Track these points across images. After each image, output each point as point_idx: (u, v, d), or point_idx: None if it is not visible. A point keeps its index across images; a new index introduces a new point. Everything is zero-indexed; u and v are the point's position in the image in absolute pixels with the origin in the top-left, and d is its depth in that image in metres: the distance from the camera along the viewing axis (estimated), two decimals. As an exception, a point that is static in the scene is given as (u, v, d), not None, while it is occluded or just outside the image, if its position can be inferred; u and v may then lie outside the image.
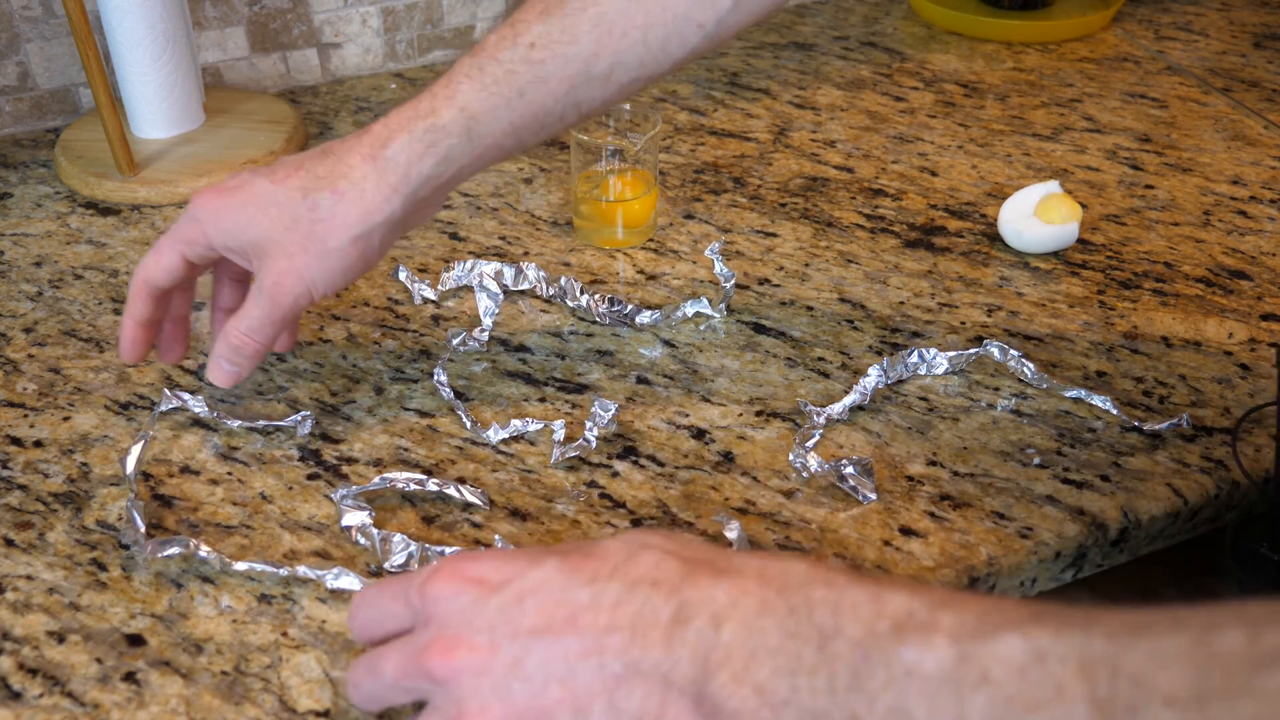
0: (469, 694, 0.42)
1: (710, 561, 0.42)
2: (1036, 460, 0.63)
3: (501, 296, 0.75)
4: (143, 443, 0.61)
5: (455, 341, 0.71)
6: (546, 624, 0.41)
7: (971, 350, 0.70)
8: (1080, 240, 0.82)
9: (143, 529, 0.58)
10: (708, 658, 0.39)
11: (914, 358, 0.69)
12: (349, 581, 0.55)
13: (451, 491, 0.60)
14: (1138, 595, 0.69)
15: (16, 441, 0.65)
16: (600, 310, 0.74)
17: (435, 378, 0.68)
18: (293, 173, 0.58)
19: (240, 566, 0.56)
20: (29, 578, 0.57)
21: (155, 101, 0.90)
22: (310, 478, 0.62)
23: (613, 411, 0.65)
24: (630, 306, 0.74)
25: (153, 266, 0.60)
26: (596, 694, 0.40)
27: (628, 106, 0.82)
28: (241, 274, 0.65)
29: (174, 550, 0.56)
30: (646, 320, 0.74)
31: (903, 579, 0.40)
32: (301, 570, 0.56)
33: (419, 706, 0.46)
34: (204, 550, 0.56)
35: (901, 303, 0.76)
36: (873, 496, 0.61)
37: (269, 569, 0.56)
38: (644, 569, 0.42)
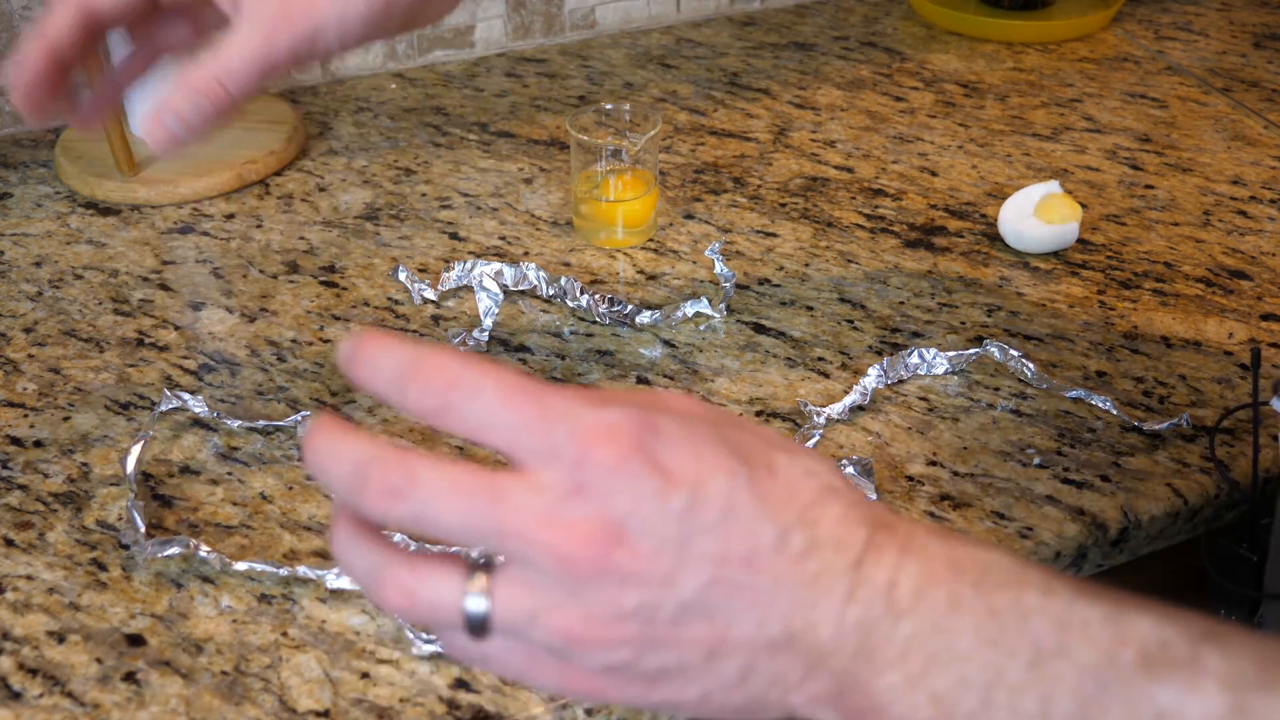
0: (605, 600, 0.34)
1: (889, 526, 0.36)
2: (1036, 460, 0.63)
3: (501, 296, 0.75)
4: (142, 442, 0.61)
5: (455, 341, 0.71)
6: (723, 553, 0.34)
7: (971, 350, 0.70)
8: (1080, 240, 0.82)
9: (142, 529, 0.58)
10: (876, 652, 0.34)
11: (914, 358, 0.69)
12: (349, 581, 0.55)
13: (451, 491, 0.60)
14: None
15: (16, 441, 0.65)
16: (600, 310, 0.74)
17: (435, 378, 0.68)
18: None
19: (240, 567, 0.56)
20: (29, 578, 0.57)
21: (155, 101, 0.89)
22: (310, 478, 0.62)
23: (613, 411, 0.65)
24: (630, 306, 0.74)
25: None
26: (741, 648, 0.35)
27: (628, 106, 0.82)
28: (162, 39, 0.52)
29: (174, 550, 0.56)
30: (646, 320, 0.74)
31: (1139, 598, 0.34)
32: (302, 570, 0.56)
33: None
34: (204, 550, 0.56)
35: (901, 303, 0.76)
36: (873, 496, 0.61)
37: (269, 569, 0.56)
38: (830, 522, 0.35)
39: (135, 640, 0.54)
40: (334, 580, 0.56)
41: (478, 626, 0.34)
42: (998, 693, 0.32)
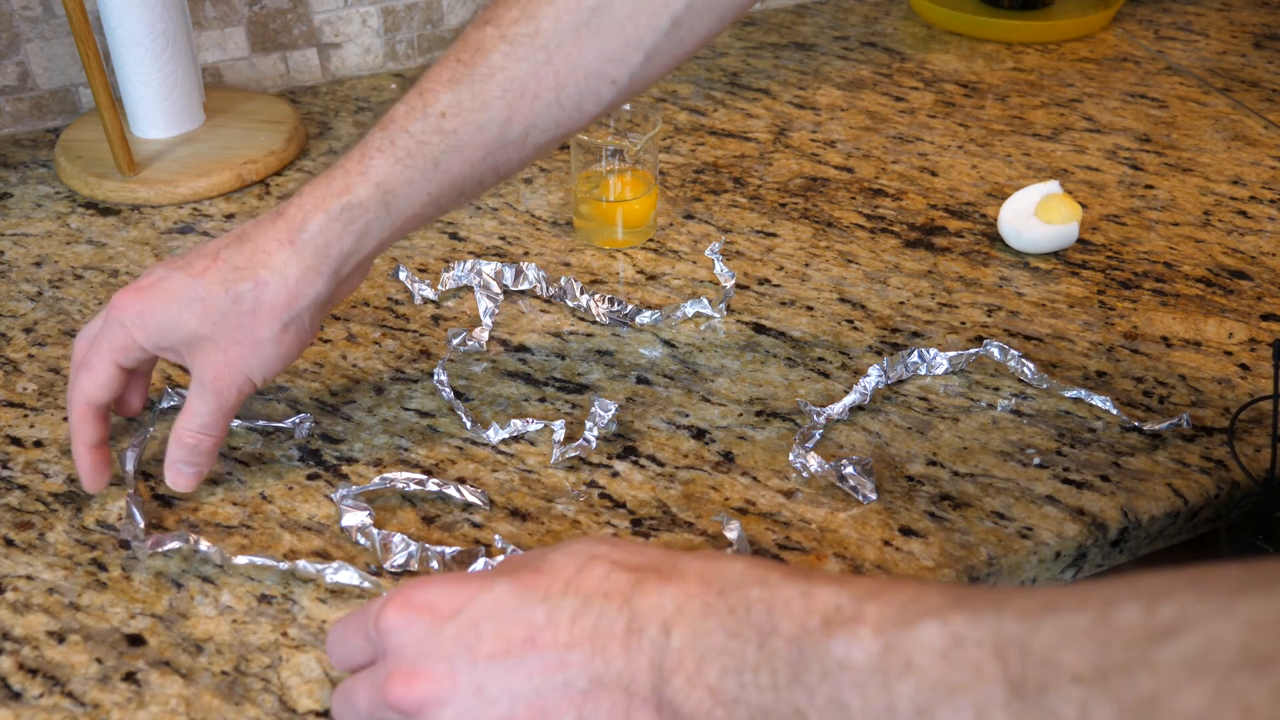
0: None
1: (656, 568, 0.42)
2: (1036, 460, 0.63)
3: (501, 296, 0.75)
4: (143, 440, 0.61)
5: (455, 341, 0.71)
6: (505, 646, 0.41)
7: (971, 350, 0.70)
8: (1080, 240, 0.82)
9: (142, 525, 0.58)
10: (662, 664, 0.40)
11: (914, 358, 0.69)
12: (348, 576, 0.55)
13: (451, 491, 0.60)
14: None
15: (16, 441, 0.65)
16: (600, 310, 0.74)
17: (435, 378, 0.68)
18: (210, 265, 0.56)
19: (241, 561, 0.56)
20: (29, 578, 0.57)
21: (155, 101, 0.90)
22: (310, 478, 0.62)
23: (613, 411, 0.65)
24: (630, 306, 0.74)
25: (89, 385, 0.58)
26: (564, 710, 0.41)
27: (628, 106, 0.82)
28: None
29: (174, 545, 0.56)
30: (646, 320, 0.74)
31: (835, 574, 0.41)
32: (301, 565, 0.56)
33: None
34: (204, 545, 0.56)
35: (901, 303, 0.76)
36: (873, 496, 0.61)
37: (269, 562, 0.56)
38: (595, 581, 0.42)
39: (135, 640, 0.54)
40: (333, 574, 0.56)
41: None
42: (745, 674, 0.38)
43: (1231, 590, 0.31)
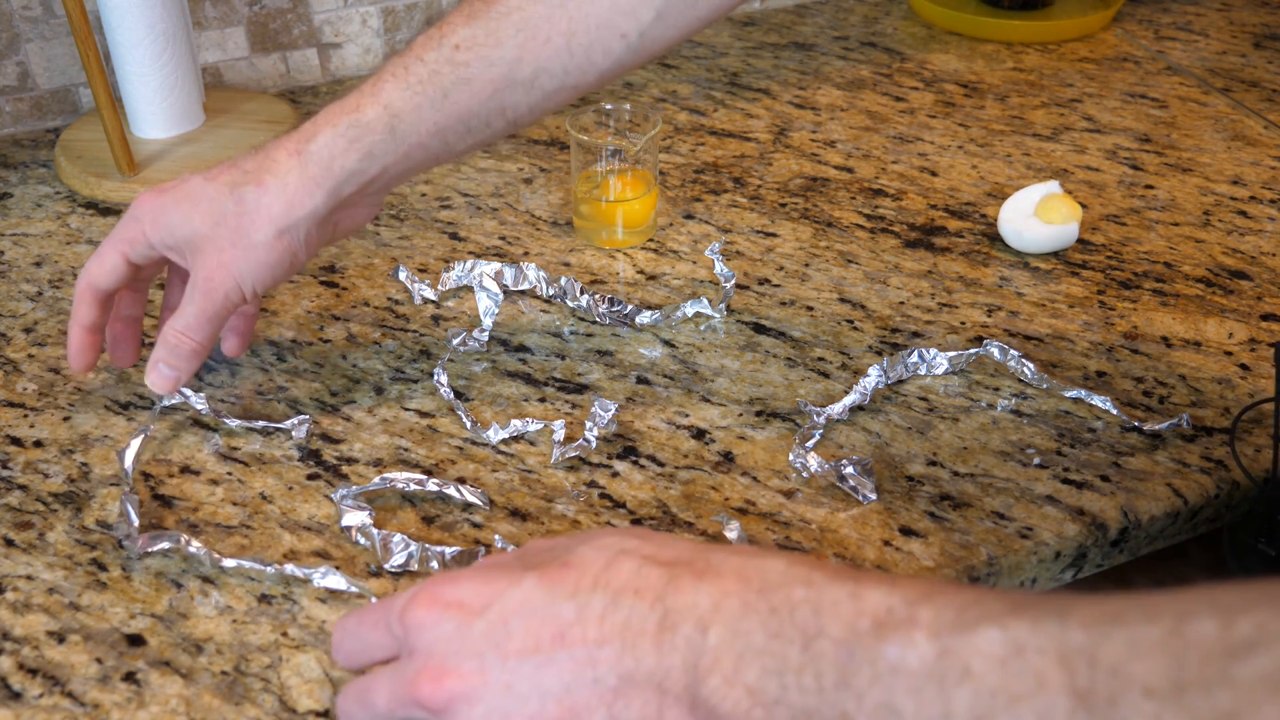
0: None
1: (689, 562, 0.42)
2: (1036, 460, 0.63)
3: (501, 296, 0.75)
4: (141, 437, 0.61)
5: (455, 341, 0.71)
6: (535, 644, 0.41)
7: (971, 350, 0.70)
8: (1080, 240, 0.82)
9: (136, 523, 0.58)
10: (697, 663, 0.39)
11: (914, 358, 0.69)
12: (335, 581, 0.55)
13: (451, 491, 0.60)
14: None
15: (16, 441, 0.65)
16: (600, 310, 0.74)
17: (435, 378, 0.68)
18: (225, 170, 0.60)
19: (229, 564, 0.56)
20: (29, 578, 0.57)
21: (155, 101, 0.90)
22: (310, 478, 0.62)
23: (613, 411, 0.65)
24: (630, 306, 0.74)
25: (95, 269, 0.61)
26: (594, 708, 0.40)
27: (628, 106, 0.82)
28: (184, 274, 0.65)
29: (164, 545, 0.56)
30: (646, 320, 0.74)
31: (880, 573, 0.40)
32: (289, 569, 0.56)
33: None
34: (194, 546, 0.56)
35: (901, 303, 0.76)
36: (873, 496, 0.61)
37: (258, 566, 0.56)
38: (625, 577, 0.41)
39: (135, 640, 0.54)
40: (320, 579, 0.56)
41: None
42: (787, 675, 0.37)
43: None
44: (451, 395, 0.67)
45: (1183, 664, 0.31)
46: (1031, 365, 0.69)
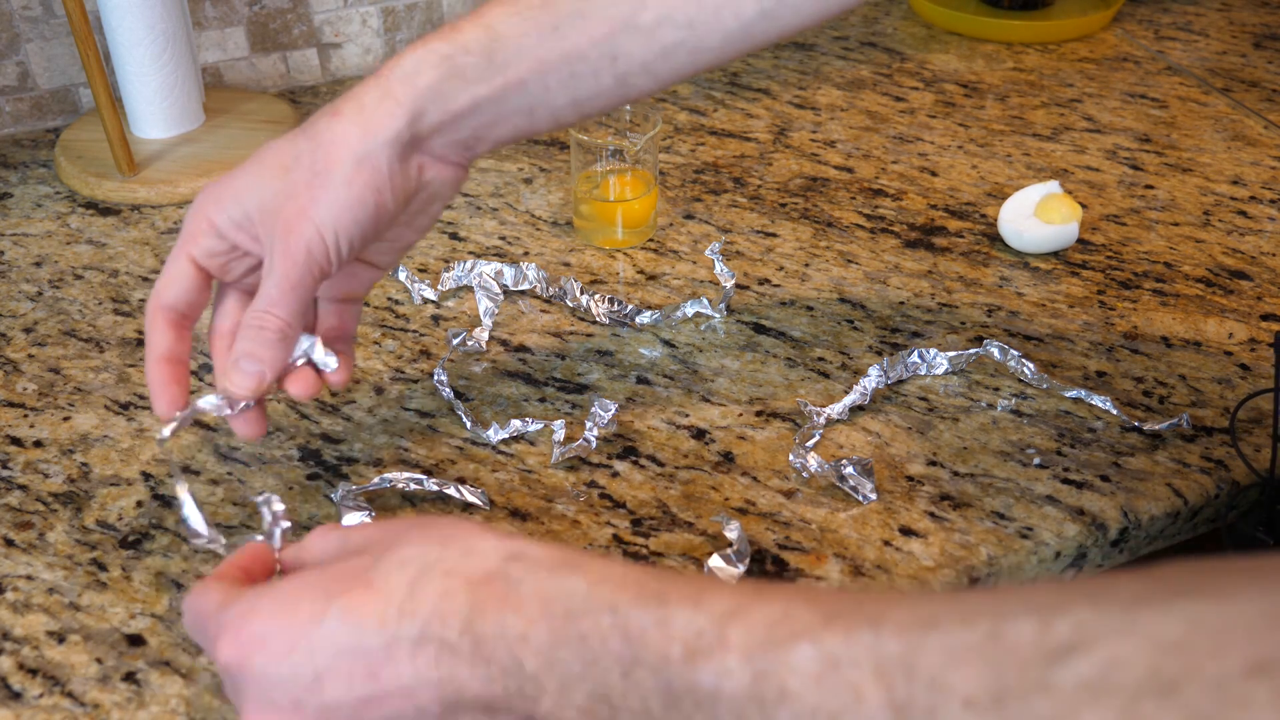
0: None
1: (490, 582, 0.40)
2: (1036, 460, 0.63)
3: (501, 296, 0.75)
4: (177, 421, 0.53)
5: (455, 341, 0.71)
6: (348, 687, 0.40)
7: (971, 350, 0.70)
8: (1080, 240, 0.82)
9: (203, 522, 0.53)
10: (521, 689, 0.38)
11: (914, 358, 0.69)
12: None
13: (451, 491, 0.60)
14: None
15: (16, 441, 0.65)
16: (600, 310, 0.74)
17: (435, 378, 0.68)
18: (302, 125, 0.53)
19: None
20: (29, 578, 0.57)
21: (155, 101, 0.90)
22: (310, 478, 0.62)
23: (613, 411, 0.65)
24: (630, 306, 0.74)
25: (161, 284, 0.53)
26: None
27: (628, 106, 0.82)
28: (252, 287, 0.55)
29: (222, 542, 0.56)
30: (646, 320, 0.74)
31: (686, 582, 0.38)
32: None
33: None
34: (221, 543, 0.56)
35: (901, 303, 0.76)
36: (873, 496, 0.61)
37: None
38: (432, 601, 0.40)
39: (135, 640, 0.54)
40: None
41: None
42: (614, 698, 0.36)
43: (1130, 604, 0.30)
44: (451, 395, 0.67)
45: (1001, 671, 0.30)
46: (1031, 365, 0.69)
